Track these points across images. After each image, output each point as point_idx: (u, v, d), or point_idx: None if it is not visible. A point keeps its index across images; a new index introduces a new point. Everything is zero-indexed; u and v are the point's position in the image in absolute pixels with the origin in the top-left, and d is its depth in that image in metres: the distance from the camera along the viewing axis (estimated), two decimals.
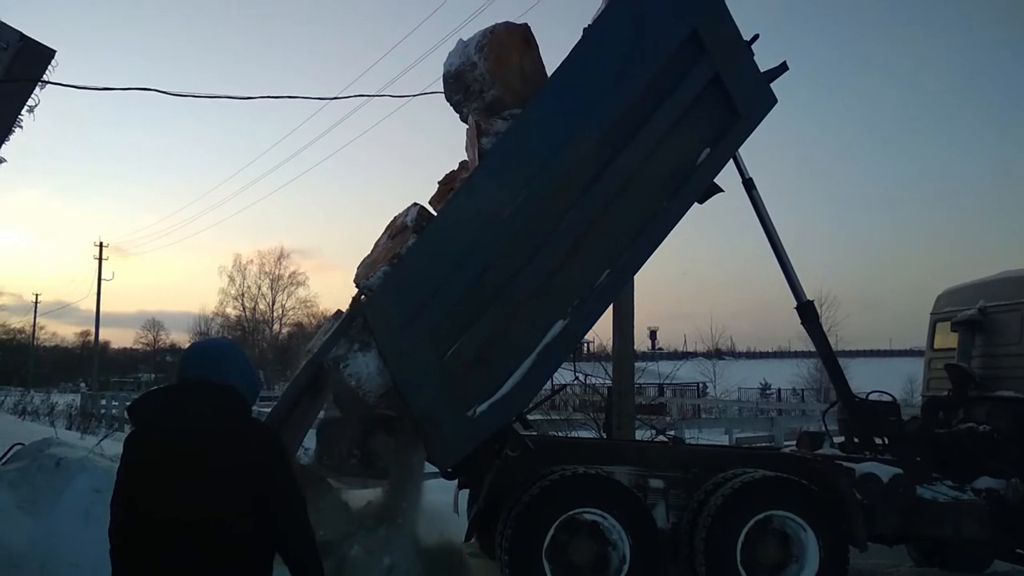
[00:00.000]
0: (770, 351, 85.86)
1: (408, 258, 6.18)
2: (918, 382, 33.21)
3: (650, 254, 6.89)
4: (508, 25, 6.89)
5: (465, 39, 6.97)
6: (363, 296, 6.37)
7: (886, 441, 7.54)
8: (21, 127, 6.92)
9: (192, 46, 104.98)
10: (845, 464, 6.98)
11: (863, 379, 13.33)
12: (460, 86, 6.87)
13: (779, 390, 46.57)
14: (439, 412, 6.07)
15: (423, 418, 6.08)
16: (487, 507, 6.46)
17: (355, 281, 6.80)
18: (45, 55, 6.22)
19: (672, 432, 9.72)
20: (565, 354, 6.98)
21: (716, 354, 44.94)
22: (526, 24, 6.99)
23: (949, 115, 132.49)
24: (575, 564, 6.26)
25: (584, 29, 6.96)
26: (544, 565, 6.14)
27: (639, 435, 10.35)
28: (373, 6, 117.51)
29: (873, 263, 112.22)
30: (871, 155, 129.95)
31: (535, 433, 7.54)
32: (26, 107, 6.60)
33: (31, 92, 6.48)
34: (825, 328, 8.11)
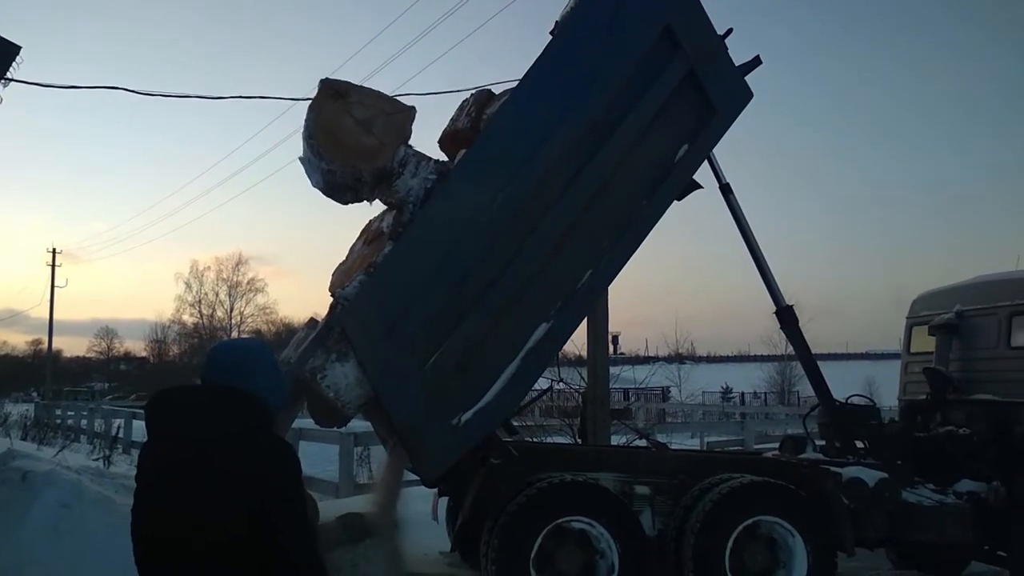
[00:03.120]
0: (730, 355, 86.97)
1: (385, 265, 5.98)
2: (877, 385, 33.90)
3: (632, 253, 6.81)
4: (313, 104, 6.31)
5: (300, 154, 6.51)
6: (339, 305, 6.17)
7: (866, 445, 7.57)
8: None
9: (158, 46, 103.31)
10: (831, 468, 6.96)
11: None
12: (342, 191, 6.46)
13: (742, 393, 47.03)
14: (422, 422, 5.92)
15: (406, 429, 5.93)
16: (471, 517, 6.33)
17: (330, 289, 6.61)
18: (9, 51, 5.91)
19: (650, 434, 9.63)
20: (549, 358, 6.87)
21: (677, 358, 45.20)
22: (321, 81, 6.39)
23: (909, 123, 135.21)
24: (563, 573, 6.15)
25: (552, 29, 6.88)
26: (532, 575, 6.01)
27: (613, 440, 10.29)
28: (342, 7, 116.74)
29: (828, 268, 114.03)
30: (828, 160, 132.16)
31: (519, 437, 7.41)
32: None
33: None
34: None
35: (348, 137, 6.15)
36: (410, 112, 6.39)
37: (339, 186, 6.36)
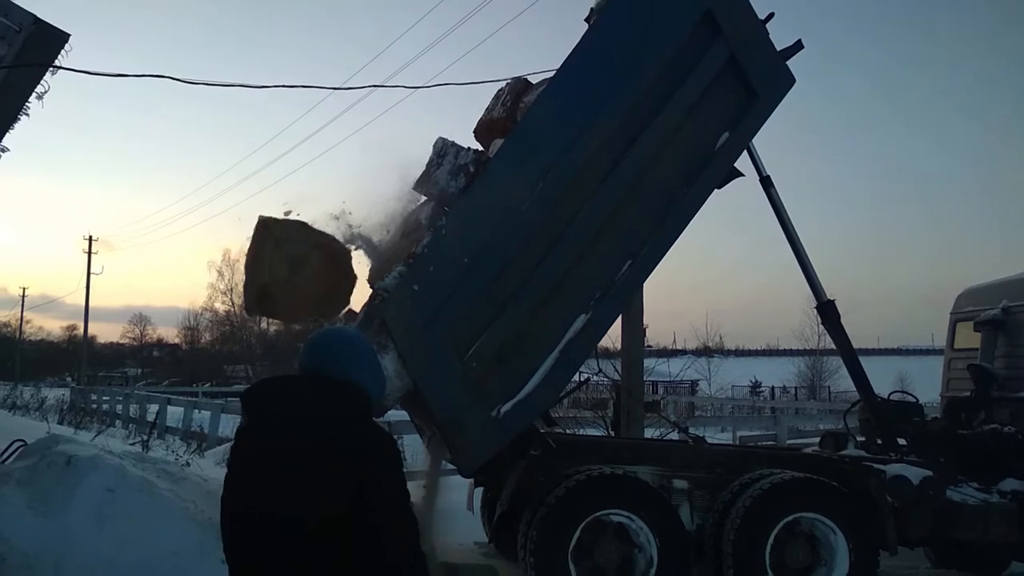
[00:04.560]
0: (759, 349, 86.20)
1: (424, 256, 5.94)
2: (910, 380, 33.53)
3: (672, 243, 6.73)
4: (285, 314, 6.29)
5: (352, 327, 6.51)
6: (379, 297, 6.16)
7: (908, 442, 7.45)
8: (28, 115, 6.68)
9: (193, 36, 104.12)
10: (874, 466, 6.87)
11: None
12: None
13: (772, 388, 46.62)
14: (462, 414, 5.89)
15: (446, 420, 5.91)
16: (510, 508, 6.32)
17: (369, 281, 6.62)
18: (59, 39, 5.95)
19: (686, 426, 9.57)
20: (588, 349, 6.83)
21: (706, 352, 44.87)
22: (249, 310, 6.27)
23: (949, 111, 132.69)
24: (601, 566, 6.14)
25: (587, 16, 6.82)
26: (570, 567, 6.00)
27: (646, 433, 10.25)
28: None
29: (859, 262, 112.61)
30: (855, 153, 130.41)
31: (558, 429, 7.38)
32: (34, 93, 6.38)
33: (41, 77, 6.25)
34: (820, 329, 8.01)
35: (319, 278, 6.01)
36: (263, 224, 6.16)
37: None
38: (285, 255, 5.97)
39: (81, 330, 57.98)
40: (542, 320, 6.24)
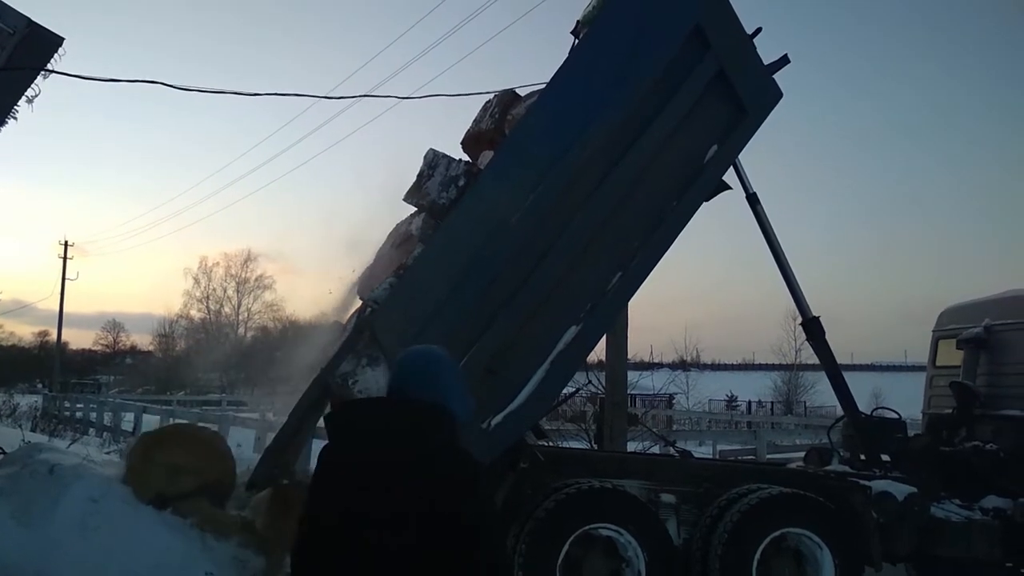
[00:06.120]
0: (735, 363, 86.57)
1: (415, 268, 5.96)
2: (884, 396, 33.82)
3: (662, 255, 6.79)
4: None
5: None
6: (369, 308, 6.15)
7: (891, 458, 7.52)
8: (16, 118, 6.61)
9: (175, 42, 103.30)
10: (860, 482, 6.91)
11: (830, 394, 13.22)
12: None
13: (749, 402, 46.89)
14: None
15: None
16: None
17: (359, 293, 6.61)
18: (52, 42, 5.89)
19: (673, 440, 9.59)
20: (578, 361, 6.84)
21: (682, 366, 45.02)
22: None
23: (919, 129, 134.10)
24: None
25: (573, 29, 6.86)
26: None
27: (628, 447, 10.27)
28: (364, 7, 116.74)
29: (833, 277, 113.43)
30: (834, 167, 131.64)
31: (548, 443, 7.38)
32: (25, 97, 6.32)
33: (32, 81, 6.19)
34: (797, 344, 8.10)
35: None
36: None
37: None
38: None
39: (53, 336, 57.24)
40: (533, 332, 6.25)
